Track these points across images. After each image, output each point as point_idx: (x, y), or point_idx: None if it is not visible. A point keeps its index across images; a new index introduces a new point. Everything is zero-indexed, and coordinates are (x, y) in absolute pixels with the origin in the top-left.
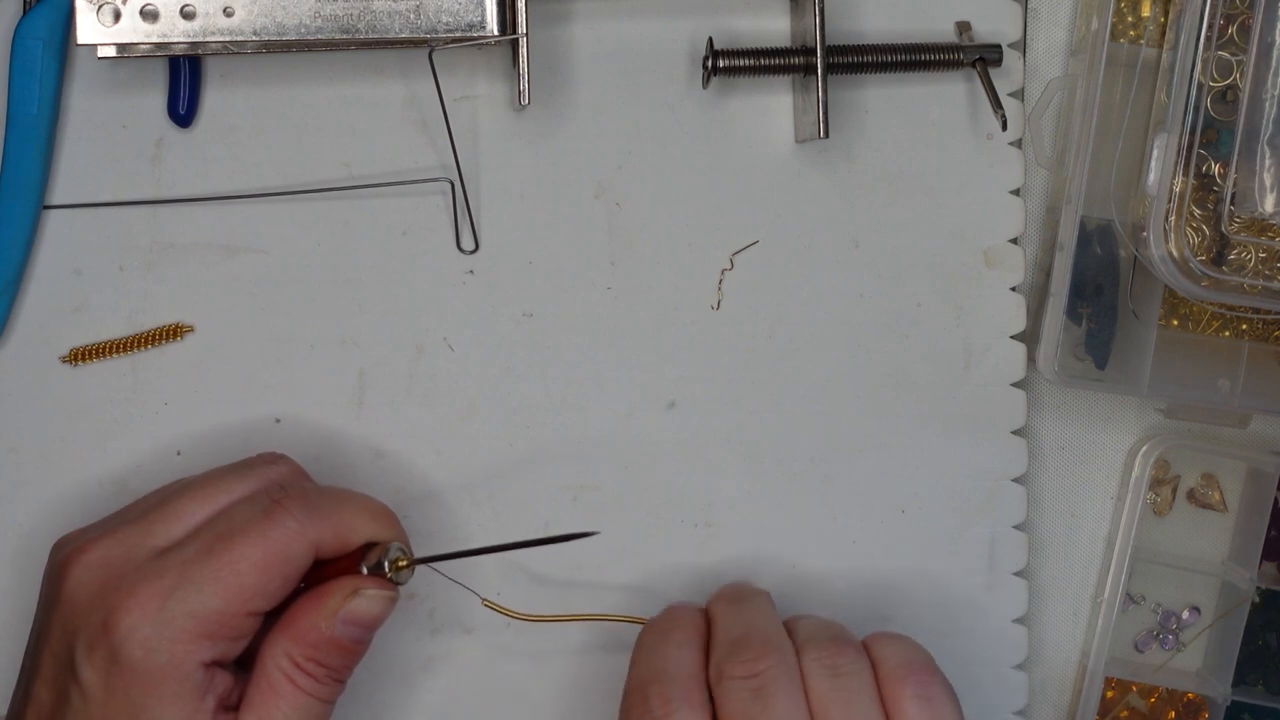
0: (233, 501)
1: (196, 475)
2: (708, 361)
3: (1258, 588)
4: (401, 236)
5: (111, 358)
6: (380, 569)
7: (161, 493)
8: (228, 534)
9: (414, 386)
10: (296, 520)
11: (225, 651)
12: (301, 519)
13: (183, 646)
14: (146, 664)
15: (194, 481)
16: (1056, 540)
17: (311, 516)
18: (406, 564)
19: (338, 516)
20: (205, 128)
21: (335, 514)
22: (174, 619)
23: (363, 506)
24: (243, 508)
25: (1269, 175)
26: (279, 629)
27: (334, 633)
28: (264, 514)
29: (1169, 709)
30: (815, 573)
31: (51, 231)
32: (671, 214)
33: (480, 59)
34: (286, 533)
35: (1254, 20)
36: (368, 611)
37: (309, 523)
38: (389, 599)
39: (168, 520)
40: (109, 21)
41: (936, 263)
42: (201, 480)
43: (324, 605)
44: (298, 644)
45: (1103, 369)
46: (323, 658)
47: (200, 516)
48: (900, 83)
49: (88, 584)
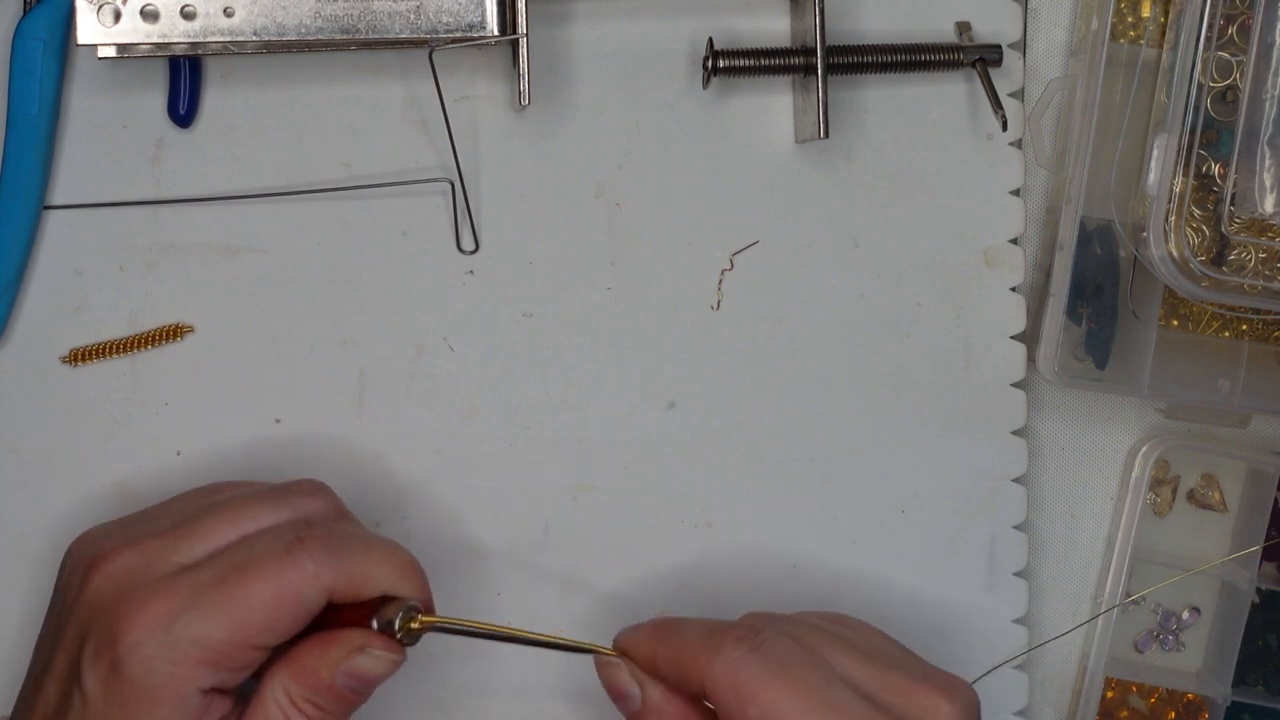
0: (259, 530)
1: (232, 493)
2: (708, 361)
3: (1258, 588)
4: (401, 236)
5: (111, 358)
6: (390, 627)
7: (194, 502)
8: (245, 565)
9: (414, 386)
10: (315, 563)
11: (226, 680)
12: (320, 562)
13: (183, 670)
14: (145, 681)
15: (227, 502)
16: (1056, 540)
17: (331, 560)
18: (419, 627)
19: (359, 564)
20: (205, 128)
21: (357, 562)
22: (179, 642)
23: (387, 557)
24: (266, 539)
25: (1269, 175)
26: (282, 664)
27: (334, 682)
28: (285, 551)
29: (1169, 709)
30: (815, 573)
31: (51, 231)
32: (671, 214)
33: (480, 59)
34: (303, 574)
35: (1254, 20)
36: (370, 670)
37: (327, 567)
38: (393, 661)
39: (194, 538)
40: (109, 22)
41: (936, 263)
42: (234, 503)
43: (328, 653)
44: (297, 683)
45: (1103, 369)
46: (321, 702)
47: (226, 539)
48: (900, 83)
49: (106, 591)
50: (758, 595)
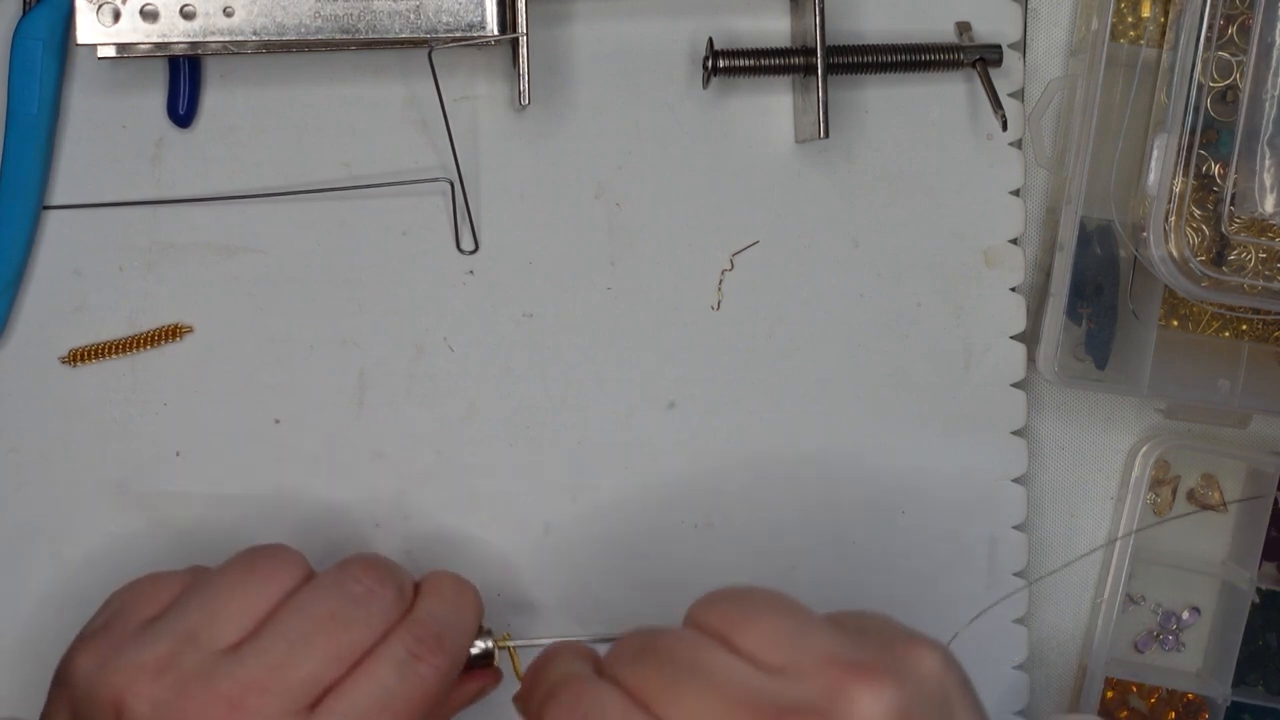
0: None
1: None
2: (708, 361)
3: (1258, 588)
4: (401, 236)
5: (111, 358)
6: (486, 659)
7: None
8: (385, 706)
9: (414, 386)
10: (442, 671)
11: None
12: (447, 667)
13: None
14: None
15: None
16: (1056, 540)
17: (453, 659)
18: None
19: (464, 635)
20: (205, 128)
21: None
22: None
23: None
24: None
25: (1269, 175)
26: None
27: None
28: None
29: (1169, 709)
30: (815, 573)
31: (51, 231)
32: (671, 214)
33: (480, 59)
34: (440, 684)
35: (1254, 20)
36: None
37: (454, 666)
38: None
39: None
40: (109, 21)
41: (936, 263)
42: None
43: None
44: None
45: (1103, 369)
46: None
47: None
48: (900, 83)
49: None
50: None
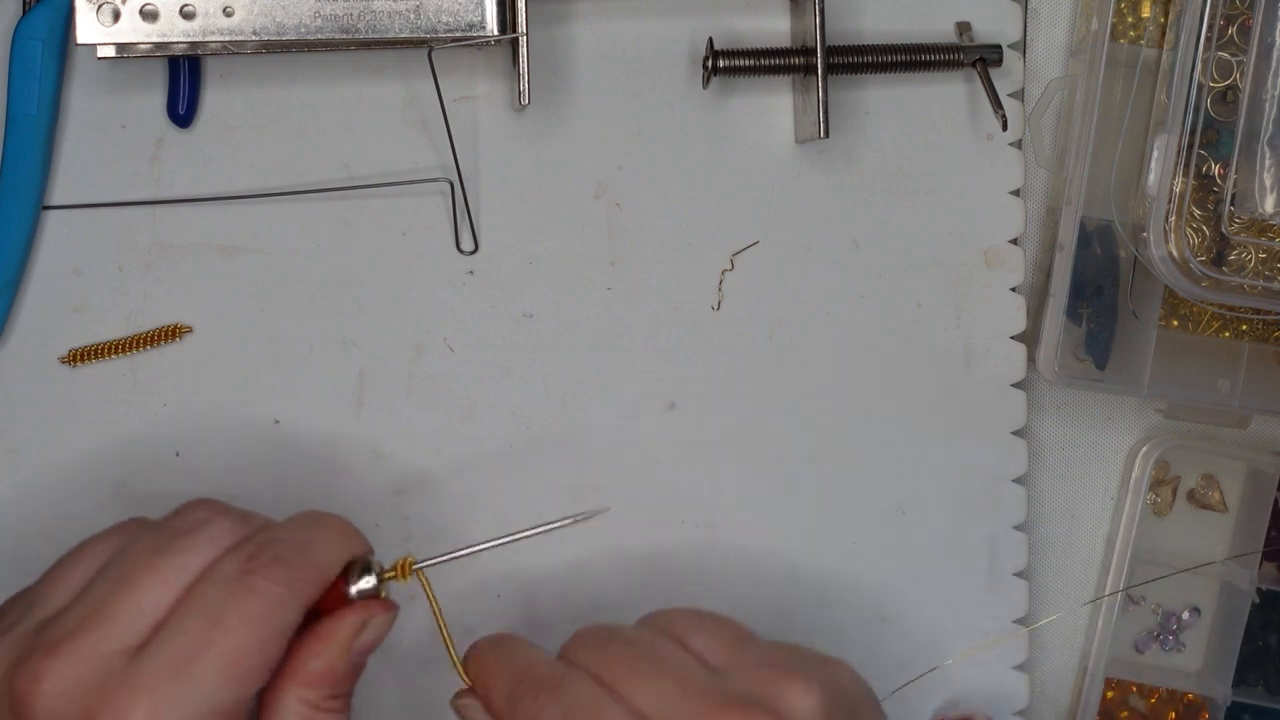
0: (194, 579)
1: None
2: (708, 361)
3: (1258, 588)
4: (401, 237)
5: (111, 358)
6: (372, 589)
7: (74, 575)
8: (215, 622)
9: (414, 386)
10: (279, 582)
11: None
12: (285, 580)
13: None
14: None
15: (144, 565)
16: (1056, 540)
17: (292, 572)
18: (393, 574)
19: (314, 556)
20: (205, 128)
21: (311, 556)
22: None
23: (330, 531)
24: (214, 587)
25: (1269, 175)
26: (288, 678)
27: (347, 667)
28: (245, 590)
29: (1169, 709)
30: (815, 573)
31: (51, 231)
32: (671, 214)
33: (480, 59)
34: (278, 600)
35: (1254, 20)
36: (377, 637)
37: (294, 581)
38: (392, 618)
39: (130, 617)
40: (109, 21)
41: (936, 263)
42: (150, 563)
43: (333, 646)
44: (313, 688)
45: (1103, 369)
46: (338, 690)
47: (164, 604)
48: (900, 83)
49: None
50: (758, 596)
